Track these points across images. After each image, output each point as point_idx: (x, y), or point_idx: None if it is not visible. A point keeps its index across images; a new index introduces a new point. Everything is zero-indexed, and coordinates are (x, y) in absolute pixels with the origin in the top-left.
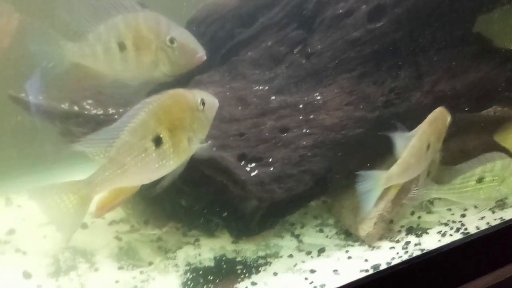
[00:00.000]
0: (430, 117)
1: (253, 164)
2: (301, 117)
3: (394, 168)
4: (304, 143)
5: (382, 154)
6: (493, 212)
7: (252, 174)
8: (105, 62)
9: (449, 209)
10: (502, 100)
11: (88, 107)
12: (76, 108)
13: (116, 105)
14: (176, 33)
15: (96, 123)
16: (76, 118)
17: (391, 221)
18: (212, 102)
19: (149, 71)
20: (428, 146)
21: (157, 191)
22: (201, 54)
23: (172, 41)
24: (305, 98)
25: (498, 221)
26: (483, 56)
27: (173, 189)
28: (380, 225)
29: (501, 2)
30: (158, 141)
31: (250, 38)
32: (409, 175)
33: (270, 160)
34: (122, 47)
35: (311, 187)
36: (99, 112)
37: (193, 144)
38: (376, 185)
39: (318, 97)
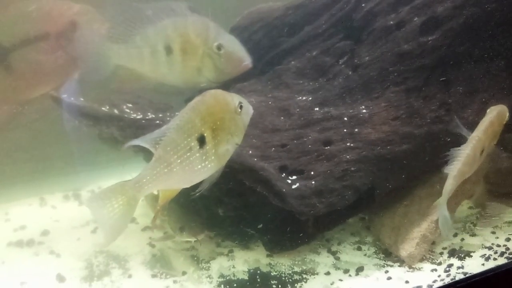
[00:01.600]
0: (486, 122)
1: (294, 177)
2: (345, 130)
3: (449, 183)
4: (348, 157)
5: (428, 172)
6: None
7: (293, 186)
8: (151, 65)
9: (494, 232)
10: None
11: (128, 110)
12: (116, 111)
13: (155, 109)
14: (224, 40)
15: (137, 127)
16: (118, 121)
17: (433, 243)
18: (248, 107)
19: (194, 76)
20: (482, 151)
21: (196, 194)
22: (247, 62)
23: (219, 47)
24: (350, 111)
25: None
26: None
27: (211, 198)
28: (422, 246)
29: None
30: (202, 141)
31: (295, 47)
32: (462, 180)
33: (312, 173)
34: (169, 51)
35: (353, 203)
36: (138, 116)
37: (231, 148)
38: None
39: (364, 110)
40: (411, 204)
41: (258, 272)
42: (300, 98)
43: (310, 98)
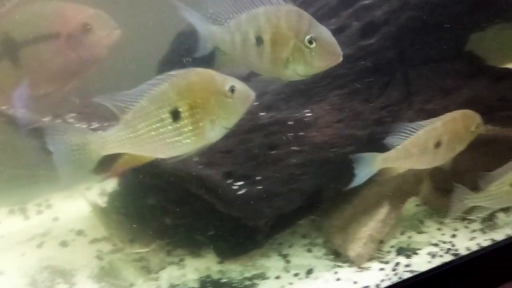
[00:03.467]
0: (447, 115)
1: (240, 182)
2: (290, 134)
3: (392, 151)
4: (294, 161)
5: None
6: (484, 232)
7: (240, 192)
8: (241, 52)
9: (440, 229)
10: (495, 119)
11: (71, 120)
12: (58, 121)
13: (101, 118)
14: (317, 32)
15: None
16: None
17: (381, 241)
18: (245, 93)
19: (281, 69)
20: (438, 144)
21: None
22: (337, 57)
23: (311, 41)
24: (295, 115)
25: (489, 242)
26: (475, 74)
27: (158, 207)
28: (370, 246)
29: (493, 21)
30: (176, 115)
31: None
32: (409, 164)
33: (258, 178)
34: (259, 40)
35: (300, 206)
36: (82, 126)
37: (216, 130)
38: (372, 164)
39: (309, 114)
40: (359, 204)
41: (209, 280)
42: None
43: (256, 103)
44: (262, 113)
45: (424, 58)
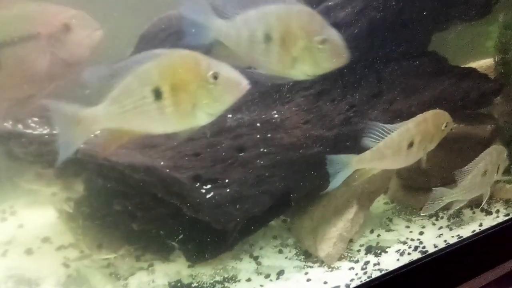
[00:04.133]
0: (419, 116)
1: (208, 186)
2: (258, 136)
3: (367, 153)
4: (262, 163)
5: None
6: (451, 229)
7: (208, 196)
8: (247, 48)
9: (408, 227)
10: (459, 117)
11: (33, 125)
12: (20, 126)
13: None
14: (328, 34)
15: (39, 144)
16: (19, 138)
17: (351, 240)
18: (233, 81)
19: (289, 68)
20: (411, 145)
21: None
22: (346, 57)
23: (322, 42)
24: (263, 117)
25: (455, 239)
26: (439, 74)
27: (126, 212)
28: (340, 245)
29: (455, 21)
30: (158, 94)
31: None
32: (384, 165)
33: (227, 181)
34: (267, 38)
35: (270, 208)
36: (44, 131)
37: (200, 115)
38: (348, 165)
39: (276, 116)
40: (328, 204)
41: (179, 284)
42: None
43: None
44: (229, 115)
45: (388, 58)
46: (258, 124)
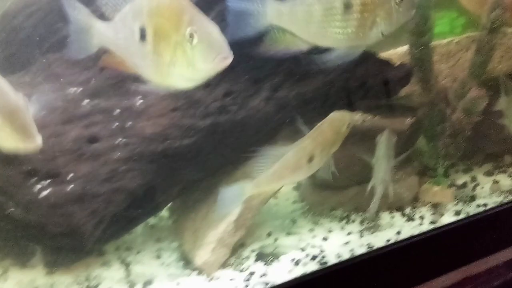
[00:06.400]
0: (316, 129)
1: (46, 182)
2: (116, 125)
3: (263, 177)
4: (118, 155)
5: (227, 165)
6: (362, 235)
7: (43, 194)
8: (320, 24)
9: (312, 230)
10: (375, 109)
11: None
12: None
13: None
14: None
15: None
16: None
17: (243, 245)
18: (213, 47)
19: (367, 32)
20: (311, 159)
21: None
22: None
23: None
24: (124, 102)
25: (364, 249)
26: None
27: None
28: (221, 251)
29: None
30: (143, 33)
31: None
32: (284, 183)
33: (71, 176)
34: (347, 5)
35: (127, 208)
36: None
37: (177, 77)
38: (241, 196)
39: (140, 102)
40: (213, 203)
41: None
42: (71, 89)
43: (80, 90)
44: (86, 100)
45: None
46: (118, 111)
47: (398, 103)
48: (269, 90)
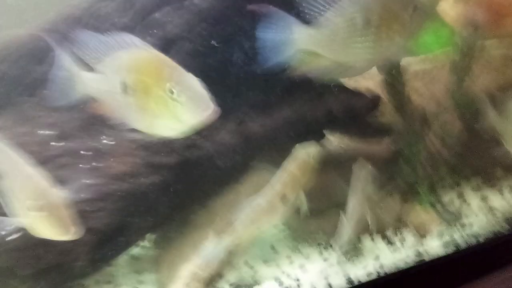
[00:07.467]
0: (282, 170)
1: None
2: (81, 166)
3: (239, 226)
4: (84, 196)
5: (199, 200)
6: (339, 263)
7: (10, 238)
8: (345, 41)
9: (289, 257)
10: (350, 132)
11: None
12: None
13: None
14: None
15: None
16: None
17: (221, 276)
18: (194, 104)
19: (384, 45)
20: (284, 197)
21: None
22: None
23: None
24: (89, 143)
25: (341, 280)
26: (297, 88)
27: None
28: (194, 286)
29: None
30: (124, 87)
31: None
32: (264, 226)
33: None
34: (367, 22)
35: (95, 248)
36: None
37: (162, 126)
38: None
39: (105, 141)
40: (189, 234)
41: None
42: (41, 132)
43: (50, 132)
44: (53, 143)
45: (234, 70)
46: (83, 152)
47: (371, 123)
48: (237, 121)
